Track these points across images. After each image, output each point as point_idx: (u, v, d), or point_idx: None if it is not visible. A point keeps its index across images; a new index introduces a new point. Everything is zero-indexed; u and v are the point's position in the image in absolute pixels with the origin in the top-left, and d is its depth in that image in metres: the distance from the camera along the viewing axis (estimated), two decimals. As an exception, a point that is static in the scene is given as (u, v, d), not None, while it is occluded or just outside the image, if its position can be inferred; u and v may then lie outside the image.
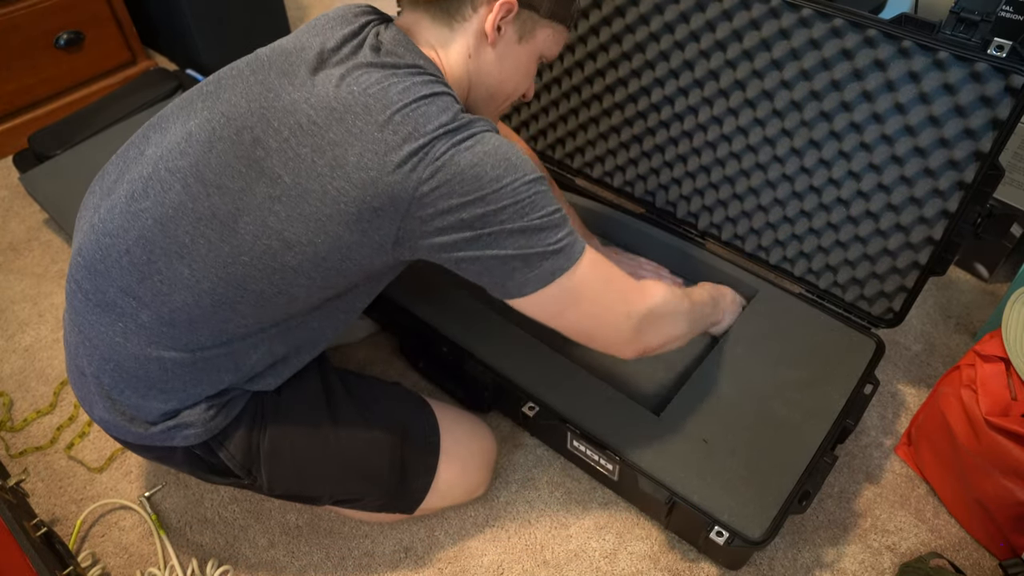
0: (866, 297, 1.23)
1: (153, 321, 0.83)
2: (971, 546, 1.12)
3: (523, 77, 0.94)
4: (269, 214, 0.77)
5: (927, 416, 1.15)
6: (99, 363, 0.87)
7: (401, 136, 0.75)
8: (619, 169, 1.43)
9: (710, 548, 1.06)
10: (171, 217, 0.80)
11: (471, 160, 0.76)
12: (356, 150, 0.75)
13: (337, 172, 0.75)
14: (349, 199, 0.76)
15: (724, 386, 1.12)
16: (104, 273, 0.84)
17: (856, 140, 1.10)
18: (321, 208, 0.76)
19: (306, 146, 0.76)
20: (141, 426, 0.88)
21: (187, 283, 0.80)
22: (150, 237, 0.81)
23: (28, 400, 1.33)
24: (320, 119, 0.76)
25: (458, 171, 0.75)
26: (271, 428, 0.94)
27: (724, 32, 1.14)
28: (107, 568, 1.11)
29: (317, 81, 0.78)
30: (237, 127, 0.79)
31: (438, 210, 0.76)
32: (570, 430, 1.08)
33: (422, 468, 1.03)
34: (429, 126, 0.76)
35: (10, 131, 1.82)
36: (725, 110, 1.21)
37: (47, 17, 1.75)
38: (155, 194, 0.81)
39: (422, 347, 1.29)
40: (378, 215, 0.77)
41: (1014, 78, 0.94)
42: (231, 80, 0.83)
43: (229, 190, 0.78)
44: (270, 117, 0.78)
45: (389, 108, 0.76)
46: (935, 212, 1.09)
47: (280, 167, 0.76)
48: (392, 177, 0.75)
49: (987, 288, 1.50)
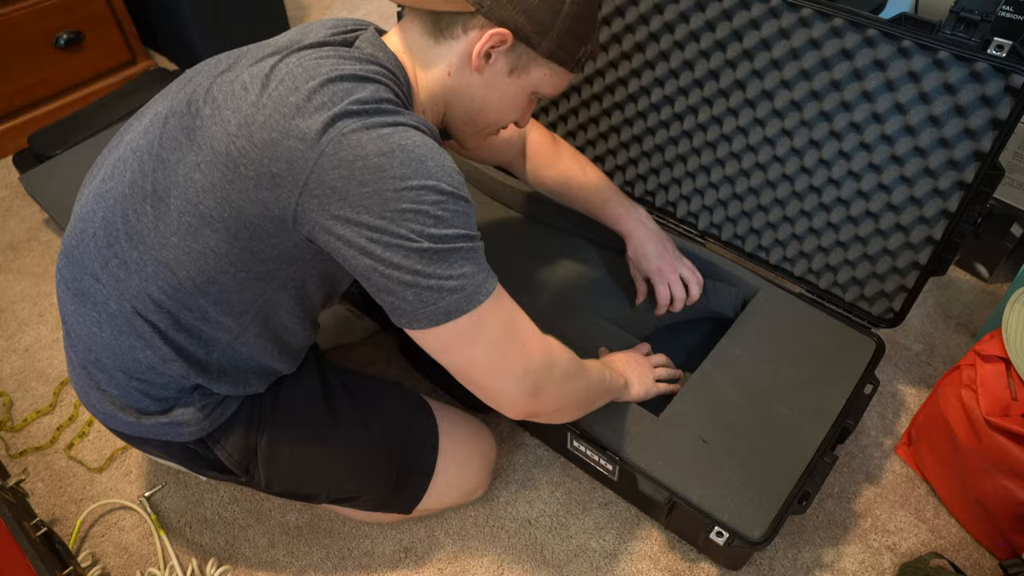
0: (866, 297, 1.23)
1: (119, 310, 0.82)
2: (971, 546, 1.12)
3: (509, 109, 0.88)
4: (190, 184, 0.74)
5: (927, 416, 1.15)
6: (83, 353, 0.87)
7: (315, 104, 0.70)
8: (619, 169, 1.43)
9: (710, 548, 1.06)
10: (126, 195, 0.79)
11: (380, 148, 0.69)
12: (267, 111, 0.71)
13: (243, 131, 0.71)
14: (248, 160, 0.71)
15: (724, 386, 1.12)
16: (79, 259, 0.84)
17: (856, 140, 1.10)
18: (225, 173, 0.72)
19: (229, 110, 0.73)
20: (133, 415, 0.88)
21: (136, 267, 0.79)
22: (111, 218, 0.80)
23: (28, 400, 1.33)
24: (251, 84, 0.73)
25: (362, 154, 0.69)
26: (269, 427, 0.94)
27: (724, 32, 1.14)
28: (107, 568, 1.11)
29: (274, 59, 0.76)
30: (188, 101, 0.77)
31: (336, 192, 0.69)
32: (570, 430, 1.08)
33: (420, 468, 1.03)
34: (348, 99, 0.71)
35: (10, 131, 1.82)
36: (725, 110, 1.21)
37: (47, 17, 1.75)
38: (118, 174, 0.81)
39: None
40: (276, 182, 0.71)
41: (1014, 78, 0.94)
42: (206, 66, 0.83)
43: (169, 163, 0.76)
44: (214, 88, 0.76)
45: (314, 79, 0.72)
46: (935, 212, 1.09)
47: (206, 132, 0.74)
48: (294, 142, 0.70)
49: (987, 288, 1.50)
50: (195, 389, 0.89)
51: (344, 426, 0.98)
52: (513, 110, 0.89)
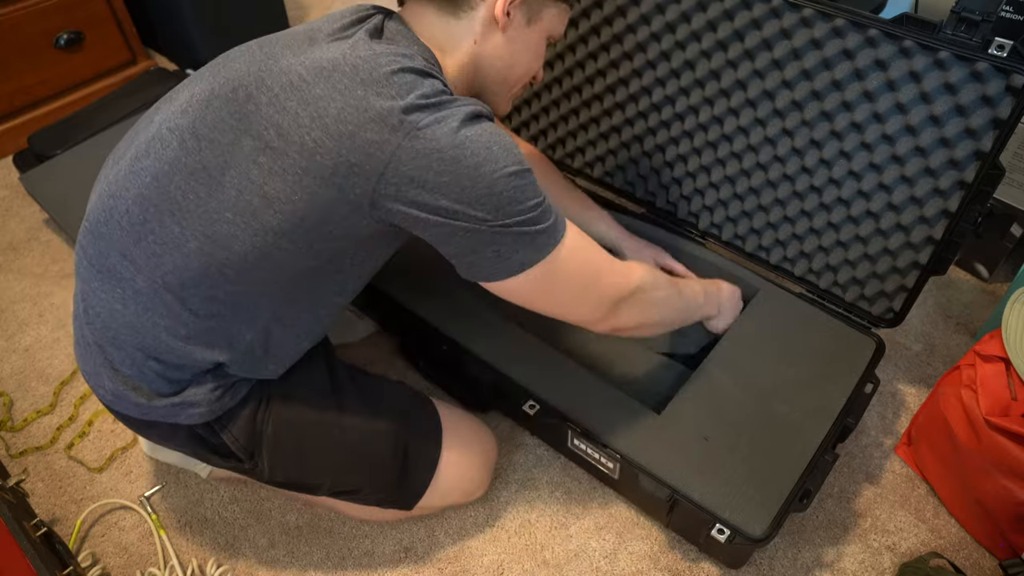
0: (866, 297, 1.23)
1: (148, 287, 0.83)
2: (971, 546, 1.12)
3: (534, 58, 0.95)
4: (252, 166, 0.77)
5: (927, 416, 1.15)
6: (101, 331, 0.87)
7: (385, 97, 0.75)
8: (619, 169, 1.43)
9: (711, 546, 1.06)
10: (166, 173, 0.81)
11: (452, 141, 0.75)
12: (338, 104, 0.75)
13: (317, 123, 0.75)
14: (326, 150, 0.75)
15: (725, 384, 1.12)
16: (106, 236, 0.85)
17: (857, 140, 1.10)
18: (299, 160, 0.76)
19: (293, 100, 0.77)
20: (144, 396, 0.88)
21: (177, 242, 0.81)
22: (147, 195, 0.82)
23: (28, 400, 1.33)
24: (310, 76, 0.77)
25: (437, 147, 0.75)
26: (275, 413, 0.94)
27: (725, 32, 1.14)
28: (107, 568, 1.11)
29: (316, 51, 0.80)
30: (234, 86, 0.80)
31: (414, 181, 0.76)
32: (571, 428, 1.08)
33: (424, 462, 1.04)
34: (413, 93, 0.76)
35: (10, 131, 1.82)
36: (726, 110, 1.21)
37: (47, 17, 1.75)
38: (155, 152, 0.83)
39: (422, 347, 1.29)
40: (353, 171, 0.76)
41: (1015, 78, 0.94)
42: (239, 53, 0.86)
43: (219, 143, 0.79)
44: (264, 76, 0.79)
45: (376, 71, 0.76)
46: (935, 212, 1.09)
47: (267, 120, 0.77)
48: (370, 134, 0.74)
49: (987, 288, 1.50)
50: (209, 372, 0.89)
51: (349, 417, 0.99)
52: (536, 59, 0.95)
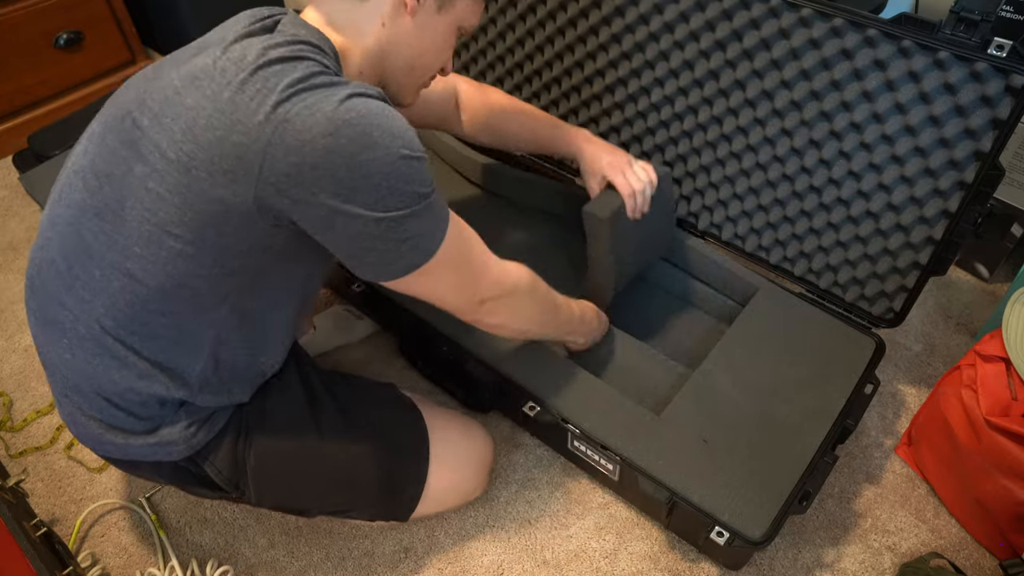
0: (866, 297, 1.23)
1: (89, 332, 0.81)
2: (971, 546, 1.12)
3: (442, 49, 0.91)
4: (145, 194, 0.74)
5: (927, 416, 1.15)
6: (61, 382, 0.87)
7: (249, 95, 0.70)
8: (619, 169, 1.43)
9: (710, 548, 1.06)
10: (77, 217, 0.79)
11: (325, 128, 0.69)
12: (207, 112, 0.71)
13: (187, 135, 0.72)
14: (199, 162, 0.71)
15: (724, 386, 1.12)
16: (41, 288, 0.84)
17: (856, 140, 1.10)
18: (179, 179, 0.73)
19: (168, 115, 0.73)
20: (120, 436, 0.87)
21: (100, 286, 0.79)
22: (66, 242, 0.81)
23: (28, 400, 1.33)
24: (182, 87, 0.74)
25: (309, 138, 0.69)
26: (256, 442, 0.93)
27: (724, 32, 1.14)
28: (107, 568, 1.11)
29: (197, 59, 0.76)
30: (122, 114, 0.78)
31: (290, 177, 0.71)
32: (570, 430, 1.08)
33: (412, 478, 1.02)
34: (280, 84, 0.70)
35: (10, 131, 1.82)
36: (725, 110, 1.21)
37: (47, 17, 1.75)
38: (65, 197, 0.81)
39: (422, 347, 1.29)
40: (230, 179, 0.71)
41: (1014, 78, 0.94)
42: (134, 80, 0.83)
43: (115, 177, 0.77)
44: (145, 98, 0.76)
45: (243, 70, 0.71)
46: (935, 212, 1.09)
47: (151, 143, 0.74)
48: (238, 136, 0.70)
49: (987, 288, 1.50)
50: (180, 406, 0.88)
51: (330, 441, 0.96)
52: (446, 48, 0.91)
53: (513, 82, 1.48)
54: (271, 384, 0.96)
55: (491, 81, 1.52)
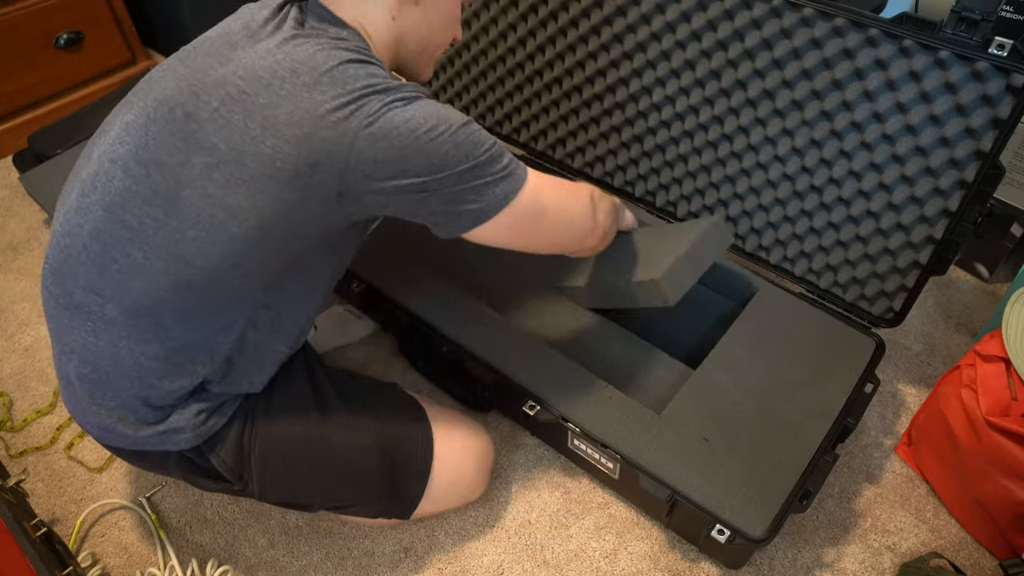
0: (866, 297, 1.23)
1: (119, 314, 0.83)
2: (971, 546, 1.12)
3: (451, 24, 0.96)
4: (209, 182, 0.78)
5: (927, 416, 1.15)
6: (79, 366, 0.87)
7: (331, 94, 0.76)
8: (619, 169, 1.43)
9: (711, 547, 1.06)
10: (118, 203, 0.81)
11: (404, 116, 0.77)
12: (286, 109, 0.76)
13: (269, 132, 0.76)
14: (284, 155, 0.76)
15: (725, 385, 1.12)
16: (68, 274, 0.85)
17: (857, 139, 1.10)
18: (259, 169, 0.77)
19: (237, 113, 0.77)
20: (131, 427, 0.88)
21: (142, 267, 0.81)
22: (102, 228, 0.82)
23: (28, 400, 1.33)
24: (249, 87, 0.77)
25: (392, 127, 0.76)
26: (261, 434, 0.93)
27: (725, 31, 1.14)
28: (107, 568, 1.11)
29: (243, 55, 0.80)
30: (169, 106, 0.80)
31: (377, 162, 0.77)
32: (570, 429, 1.08)
33: (415, 476, 1.03)
34: (358, 84, 0.77)
35: (10, 131, 1.82)
36: (726, 109, 1.21)
37: (47, 17, 1.75)
38: (101, 185, 0.82)
39: (422, 347, 1.29)
40: (316, 170, 0.77)
41: (1015, 77, 0.94)
42: (161, 72, 0.85)
43: (168, 165, 0.79)
44: (199, 92, 0.79)
45: (316, 71, 0.77)
46: (936, 211, 1.09)
47: (214, 136, 0.77)
48: (325, 131, 0.75)
49: (987, 288, 1.50)
50: (192, 394, 0.89)
51: (335, 435, 0.97)
52: (453, 23, 0.96)
53: (514, 82, 1.48)
54: (279, 377, 0.97)
55: (492, 81, 1.52)
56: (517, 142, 1.58)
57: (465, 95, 1.60)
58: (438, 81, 1.62)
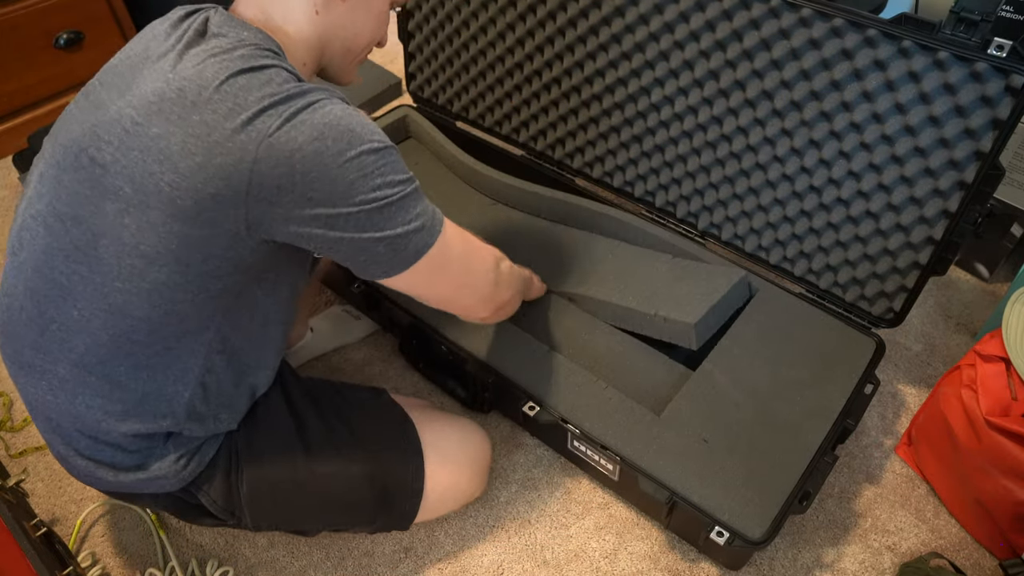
0: (866, 297, 1.23)
1: (70, 372, 0.80)
2: (971, 546, 1.12)
3: (379, 25, 0.90)
4: (122, 230, 0.73)
5: (927, 416, 1.15)
6: (45, 423, 0.85)
7: (221, 114, 0.69)
8: (619, 169, 1.43)
9: (710, 548, 1.06)
10: (44, 261, 0.78)
11: (310, 134, 0.70)
12: (178, 138, 0.70)
13: (165, 166, 0.70)
14: (182, 191, 0.70)
15: (724, 386, 1.12)
16: (14, 335, 0.82)
17: (856, 140, 1.10)
18: (162, 209, 0.71)
19: (135, 150, 0.71)
20: (111, 472, 0.86)
21: (79, 325, 0.78)
22: (34, 287, 0.79)
23: (28, 400, 1.33)
24: (141, 118, 0.71)
25: (295, 147, 0.70)
26: (247, 470, 0.91)
27: (724, 32, 1.14)
28: (107, 568, 1.11)
29: (140, 82, 0.74)
30: (75, 152, 0.75)
31: (282, 189, 0.71)
32: (570, 430, 1.08)
33: (408, 495, 1.00)
34: (251, 98, 0.70)
35: (10, 131, 1.82)
36: (725, 110, 1.21)
37: (47, 17, 1.75)
38: (27, 243, 0.80)
39: (422, 347, 1.29)
40: (217, 202, 0.71)
41: (1014, 78, 0.94)
42: (69, 113, 0.81)
43: (82, 217, 0.75)
44: (100, 132, 0.74)
45: (205, 88, 0.70)
46: (935, 212, 1.09)
47: (118, 179, 0.72)
48: (220, 158, 0.69)
49: (987, 288, 1.50)
50: (167, 438, 0.86)
51: (321, 464, 0.95)
52: (380, 26, 0.91)
53: (513, 82, 1.48)
54: (257, 410, 0.94)
55: (492, 81, 1.52)
56: (517, 142, 1.57)
57: (464, 95, 1.60)
58: (437, 81, 1.63)
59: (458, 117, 1.65)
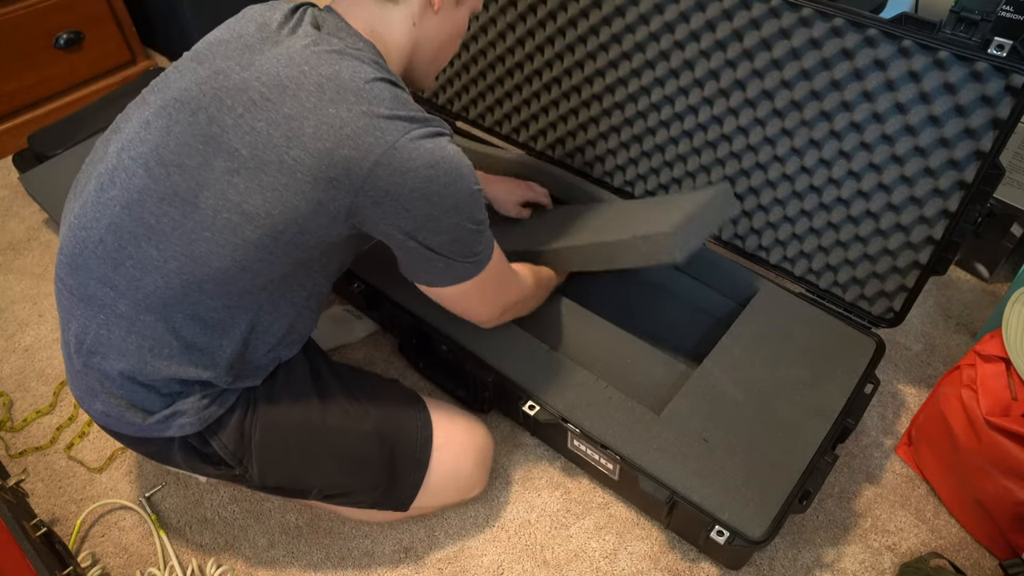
0: (866, 297, 1.23)
1: (130, 310, 0.85)
2: (971, 546, 1.12)
3: (459, 36, 0.98)
4: (228, 187, 0.80)
5: (927, 416, 1.15)
6: (87, 357, 0.88)
7: (356, 113, 0.78)
8: (619, 169, 1.43)
9: (710, 548, 1.06)
10: (137, 200, 0.83)
11: (428, 160, 0.79)
12: (312, 123, 0.77)
13: (293, 143, 0.78)
14: (305, 168, 0.78)
15: (724, 385, 1.12)
16: (83, 266, 0.86)
17: (856, 140, 1.10)
18: (278, 178, 0.78)
19: (261, 120, 0.78)
20: (139, 415, 0.89)
21: (156, 264, 0.83)
22: (119, 223, 0.83)
23: (28, 400, 1.33)
24: (273, 95, 0.79)
25: (413, 167, 0.79)
26: (262, 418, 0.95)
27: (724, 32, 1.14)
28: (107, 568, 1.11)
29: (263, 60, 0.81)
30: (192, 109, 0.81)
31: (389, 194, 0.80)
32: (570, 429, 1.08)
33: (413, 464, 1.03)
34: (383, 108, 0.79)
35: (10, 131, 1.82)
36: (725, 110, 1.21)
37: (47, 17, 1.75)
38: (121, 181, 0.84)
39: (422, 347, 1.29)
40: (333, 185, 0.79)
41: (1014, 77, 0.94)
42: (177, 72, 0.87)
43: (188, 167, 0.81)
44: (223, 96, 0.80)
45: (342, 87, 0.78)
46: (935, 212, 1.09)
47: (237, 141, 0.79)
48: (347, 150, 0.77)
49: (987, 288, 1.50)
50: (197, 383, 0.90)
51: (335, 420, 0.99)
52: (461, 36, 0.99)
53: (513, 82, 1.48)
54: (280, 367, 0.99)
55: (492, 81, 1.52)
56: (517, 142, 1.58)
57: (464, 95, 1.60)
58: (437, 81, 1.63)
59: (458, 117, 1.65)
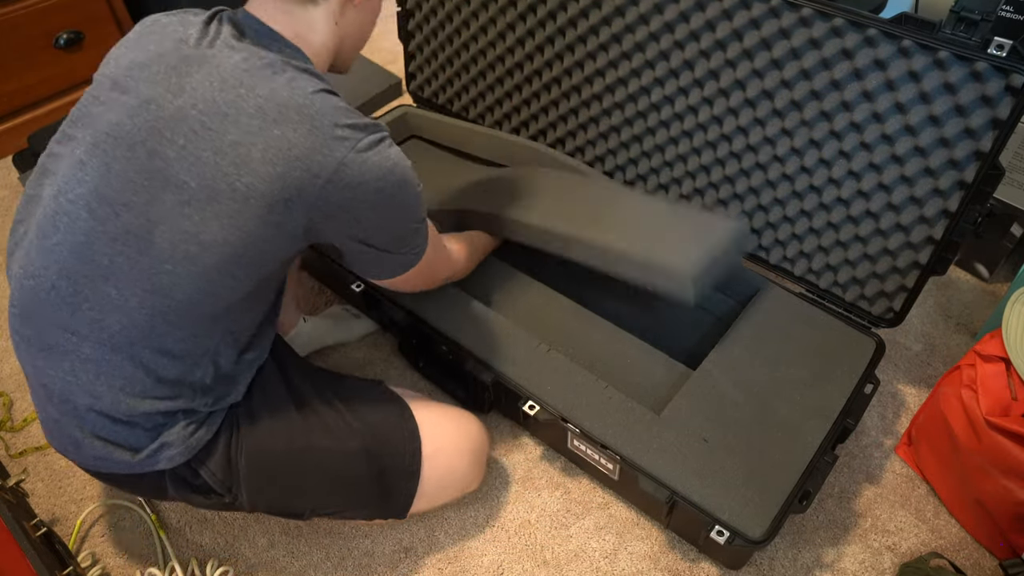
0: (866, 297, 1.23)
1: (95, 352, 0.83)
2: (971, 546, 1.12)
3: (375, 18, 0.99)
4: (182, 218, 0.78)
5: (927, 416, 1.15)
6: (61, 406, 0.86)
7: (301, 133, 0.78)
8: (619, 168, 1.43)
9: (710, 548, 1.06)
10: (84, 243, 0.81)
11: (376, 173, 0.82)
12: (259, 148, 0.77)
13: (243, 169, 0.77)
14: (259, 193, 0.78)
15: (725, 385, 1.12)
16: (39, 315, 0.84)
17: (856, 139, 1.10)
18: (231, 205, 0.78)
19: (206, 149, 0.77)
20: (128, 453, 0.87)
21: (116, 304, 0.81)
22: (70, 267, 0.81)
23: (28, 400, 1.33)
24: (214, 124, 0.78)
25: (363, 180, 0.81)
26: (246, 444, 0.93)
27: (724, 31, 1.14)
28: (107, 568, 1.11)
29: (194, 83, 0.79)
30: (128, 144, 0.79)
31: (342, 209, 0.82)
32: (570, 429, 1.08)
33: (404, 476, 1.01)
34: (326, 122, 0.79)
35: (10, 131, 1.82)
36: (725, 110, 1.21)
37: (47, 17, 1.75)
38: (64, 226, 0.81)
39: (422, 347, 1.29)
40: (288, 207, 0.80)
41: (1014, 77, 0.94)
42: (101, 105, 0.83)
43: (136, 204, 0.79)
44: (160, 128, 0.79)
45: (282, 106, 0.78)
46: (935, 212, 1.09)
47: (184, 173, 0.78)
48: (299, 172, 0.78)
49: (987, 288, 1.50)
50: (182, 415, 0.89)
51: (318, 438, 0.97)
52: (375, 18, 1.00)
53: (513, 82, 1.48)
54: (257, 387, 0.97)
55: (492, 81, 1.52)
56: (517, 142, 1.58)
57: (464, 95, 1.60)
58: (437, 81, 1.63)
59: (458, 116, 1.65)
